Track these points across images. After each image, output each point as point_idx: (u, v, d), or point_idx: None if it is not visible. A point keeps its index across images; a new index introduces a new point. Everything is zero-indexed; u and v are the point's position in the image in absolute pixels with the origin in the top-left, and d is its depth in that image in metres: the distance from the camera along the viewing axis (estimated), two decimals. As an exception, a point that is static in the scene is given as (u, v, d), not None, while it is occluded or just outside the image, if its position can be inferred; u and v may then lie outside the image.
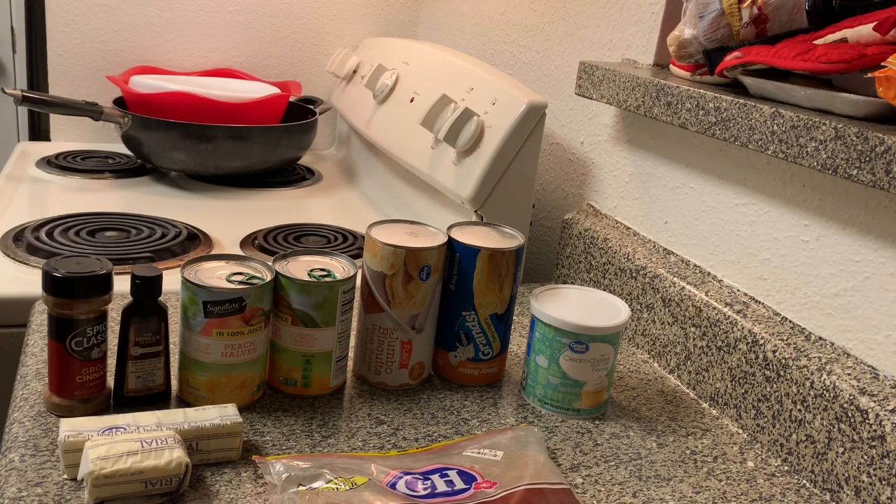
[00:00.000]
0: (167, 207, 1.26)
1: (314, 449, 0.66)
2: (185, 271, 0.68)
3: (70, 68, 1.54)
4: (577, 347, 0.74)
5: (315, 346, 0.72)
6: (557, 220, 1.16)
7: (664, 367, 0.88)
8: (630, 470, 0.69)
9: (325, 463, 0.61)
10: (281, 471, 0.59)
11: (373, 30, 1.70)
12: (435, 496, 0.58)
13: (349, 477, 0.59)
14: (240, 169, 1.39)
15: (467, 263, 0.76)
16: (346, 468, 0.60)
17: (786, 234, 0.78)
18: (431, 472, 0.61)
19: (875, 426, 0.63)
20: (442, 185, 1.08)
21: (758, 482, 0.69)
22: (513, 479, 0.61)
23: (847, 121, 0.67)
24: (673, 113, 0.84)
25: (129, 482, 0.56)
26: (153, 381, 0.69)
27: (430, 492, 0.59)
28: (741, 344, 0.77)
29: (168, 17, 1.57)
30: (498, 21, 1.38)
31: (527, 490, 0.60)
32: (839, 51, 0.70)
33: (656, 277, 0.89)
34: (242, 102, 1.37)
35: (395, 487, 0.59)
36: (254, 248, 1.12)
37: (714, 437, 0.76)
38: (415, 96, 1.21)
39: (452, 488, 0.59)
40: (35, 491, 0.58)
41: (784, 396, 0.72)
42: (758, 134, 0.73)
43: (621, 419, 0.77)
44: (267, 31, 1.64)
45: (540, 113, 1.00)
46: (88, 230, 1.11)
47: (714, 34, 0.82)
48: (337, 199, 1.43)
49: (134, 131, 1.35)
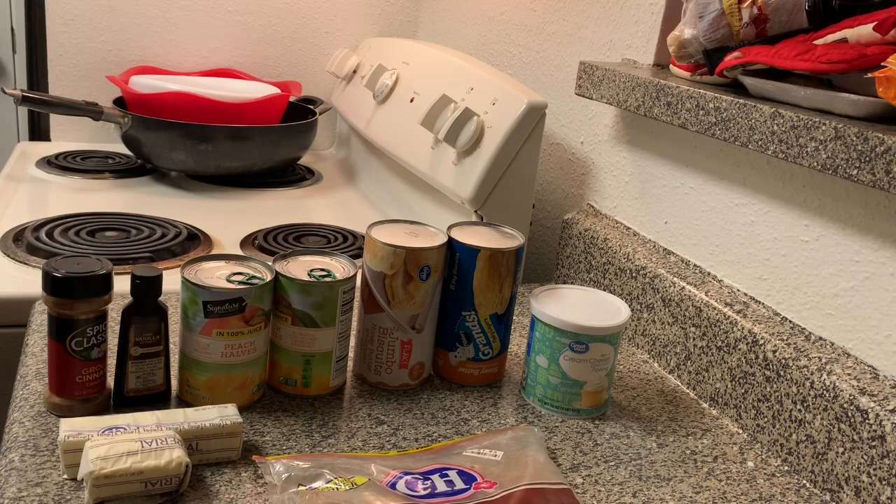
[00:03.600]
0: (167, 207, 1.26)
1: (314, 449, 0.66)
2: (185, 271, 0.68)
3: (70, 68, 1.54)
4: (577, 347, 0.74)
5: (315, 346, 0.72)
6: (557, 220, 1.16)
7: (664, 367, 0.88)
8: (630, 470, 0.69)
9: (325, 463, 0.61)
10: (281, 471, 0.59)
11: (373, 30, 1.70)
12: (435, 496, 0.58)
13: (349, 477, 0.59)
14: (240, 169, 1.39)
15: (467, 263, 0.76)
16: (347, 468, 0.60)
17: (786, 235, 0.78)
18: (431, 473, 0.61)
19: (875, 426, 0.63)
20: (442, 185, 1.08)
21: (758, 482, 0.69)
22: (513, 479, 0.61)
23: (847, 121, 0.67)
24: (673, 113, 0.84)
25: (129, 482, 0.56)
26: (153, 381, 0.69)
27: (430, 492, 0.59)
28: (741, 344, 0.77)
29: (168, 17, 1.57)
30: (498, 21, 1.38)
31: (527, 490, 0.60)
32: (839, 51, 0.70)
33: (656, 277, 0.89)
34: (242, 102, 1.37)
35: (395, 487, 0.59)
36: (254, 248, 1.12)
37: (714, 437, 0.76)
38: (415, 96, 1.21)
39: (452, 488, 0.59)
40: (35, 491, 0.58)
41: (784, 396, 0.72)
42: (758, 134, 0.73)
43: (621, 419, 0.77)
44: (267, 31, 1.64)
45: (540, 113, 1.00)
46: (88, 230, 1.11)
47: (714, 34, 0.82)
48: (337, 199, 1.43)
49: (134, 131, 1.35)
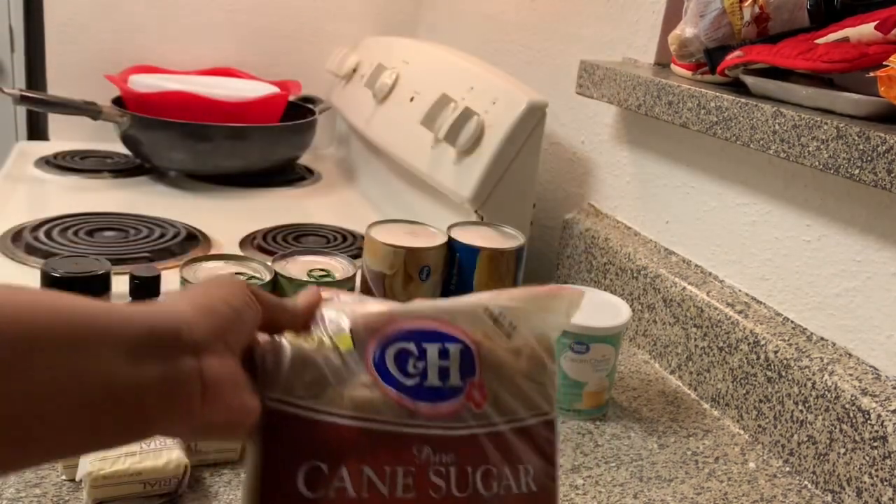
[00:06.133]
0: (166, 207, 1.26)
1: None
2: (184, 271, 0.68)
3: (69, 68, 1.54)
4: (577, 348, 0.74)
5: (315, 346, 0.72)
6: (558, 220, 1.16)
7: (665, 368, 0.88)
8: (631, 471, 0.69)
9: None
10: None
11: (373, 29, 1.70)
12: (422, 392, 0.44)
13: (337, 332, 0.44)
14: (239, 168, 1.39)
15: (467, 263, 0.76)
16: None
17: (787, 234, 0.78)
18: (430, 338, 0.45)
19: (877, 427, 0.63)
20: (442, 184, 1.08)
21: (759, 483, 0.69)
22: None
23: (849, 120, 0.67)
24: (674, 112, 0.84)
25: (128, 483, 0.56)
26: (152, 381, 0.69)
27: (418, 382, 0.44)
28: (742, 344, 0.77)
29: (167, 16, 1.56)
30: (498, 20, 1.38)
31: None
32: (841, 50, 0.70)
33: (657, 277, 0.89)
34: (242, 102, 1.37)
35: (383, 363, 0.44)
36: (253, 248, 1.12)
37: (715, 437, 0.76)
38: (415, 96, 1.21)
39: (445, 382, 0.44)
40: (33, 492, 0.57)
41: (785, 397, 0.72)
42: (759, 133, 0.73)
43: (622, 420, 0.77)
44: (267, 31, 1.63)
45: (540, 112, 1.00)
46: (87, 230, 1.10)
47: (715, 33, 0.82)
48: (337, 199, 1.43)
49: (133, 131, 1.34)
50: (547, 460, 0.46)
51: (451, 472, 0.44)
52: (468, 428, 0.44)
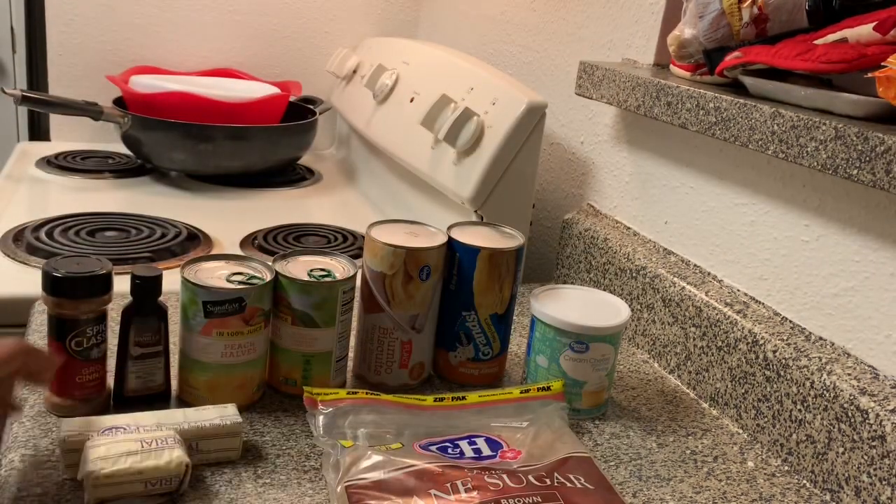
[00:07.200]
0: (167, 207, 1.26)
1: (314, 449, 0.66)
2: (184, 271, 0.68)
3: (70, 68, 1.54)
4: (577, 347, 0.74)
5: (315, 346, 0.72)
6: (557, 220, 1.16)
7: (664, 367, 0.88)
8: (630, 470, 0.69)
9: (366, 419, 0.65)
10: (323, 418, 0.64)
11: (373, 30, 1.70)
12: (462, 459, 0.62)
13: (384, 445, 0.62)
14: (239, 169, 1.39)
15: (467, 263, 0.76)
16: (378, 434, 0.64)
17: (786, 234, 0.78)
18: (459, 439, 0.64)
19: (875, 426, 0.63)
20: (442, 185, 1.08)
21: (758, 482, 0.69)
22: (540, 448, 0.64)
23: (847, 121, 0.67)
24: (673, 113, 0.84)
25: (129, 482, 0.56)
26: (153, 381, 0.69)
27: (458, 456, 0.62)
28: (741, 344, 0.77)
29: (168, 17, 1.57)
30: (498, 21, 1.38)
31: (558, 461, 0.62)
32: (839, 51, 0.70)
33: (656, 277, 0.89)
34: (242, 102, 1.37)
35: (428, 450, 0.62)
36: (254, 248, 1.12)
37: (714, 437, 0.76)
38: (415, 96, 1.21)
39: (479, 455, 0.62)
40: (35, 491, 0.58)
41: (784, 396, 0.72)
42: (758, 134, 0.73)
43: (621, 419, 0.77)
44: (267, 31, 1.64)
45: (540, 113, 1.00)
46: (88, 230, 1.11)
47: (714, 34, 0.82)
48: (337, 199, 1.43)
49: (134, 131, 1.35)
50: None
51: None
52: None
